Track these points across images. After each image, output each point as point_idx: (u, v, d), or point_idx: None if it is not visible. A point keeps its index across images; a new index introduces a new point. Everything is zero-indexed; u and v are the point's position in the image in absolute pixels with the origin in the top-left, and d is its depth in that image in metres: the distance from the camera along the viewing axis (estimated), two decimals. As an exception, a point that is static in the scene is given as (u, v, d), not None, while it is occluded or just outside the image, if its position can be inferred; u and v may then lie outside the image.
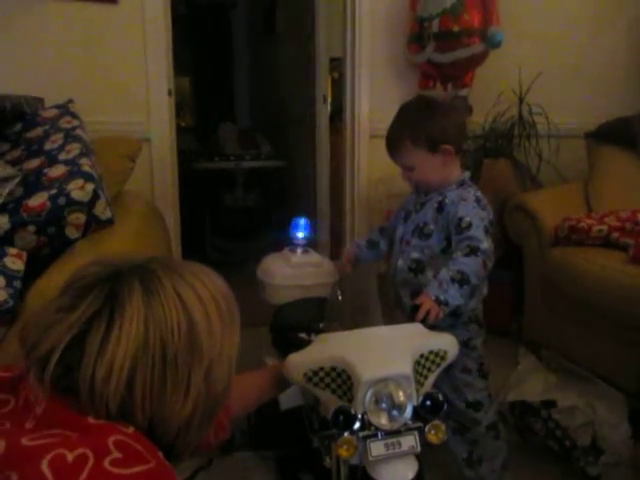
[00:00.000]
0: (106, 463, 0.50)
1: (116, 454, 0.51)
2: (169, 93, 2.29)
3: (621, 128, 2.34)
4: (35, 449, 0.51)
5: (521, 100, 2.48)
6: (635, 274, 1.64)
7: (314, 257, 1.73)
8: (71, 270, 1.21)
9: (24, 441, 0.52)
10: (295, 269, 1.65)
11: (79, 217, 1.36)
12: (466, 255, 1.28)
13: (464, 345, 1.45)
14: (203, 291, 0.63)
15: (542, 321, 2.13)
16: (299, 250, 1.70)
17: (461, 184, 1.41)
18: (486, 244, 1.29)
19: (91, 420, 0.55)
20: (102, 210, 1.39)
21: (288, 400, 1.41)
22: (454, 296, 1.25)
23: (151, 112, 2.23)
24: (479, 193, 1.40)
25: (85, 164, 1.43)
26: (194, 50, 4.54)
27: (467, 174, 1.45)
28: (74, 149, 1.48)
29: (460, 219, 1.34)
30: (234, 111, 4.76)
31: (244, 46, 4.86)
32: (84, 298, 0.58)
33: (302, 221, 1.83)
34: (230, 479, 1.52)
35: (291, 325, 1.36)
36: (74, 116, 1.65)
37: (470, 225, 1.32)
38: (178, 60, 2.44)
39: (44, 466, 0.49)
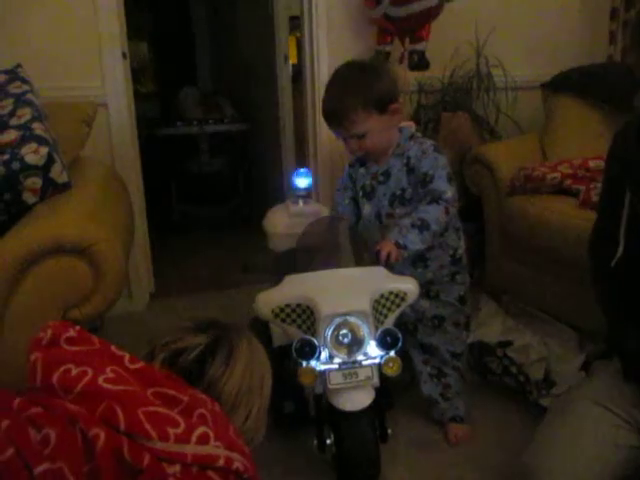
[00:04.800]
0: (216, 409, 0.76)
1: (218, 409, 0.76)
2: (124, 56, 2.24)
3: (575, 77, 2.39)
4: (179, 383, 0.75)
5: (478, 53, 2.50)
6: (584, 217, 1.71)
7: (313, 207, 1.80)
8: (30, 234, 1.23)
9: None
10: (294, 218, 1.72)
11: (35, 182, 1.36)
12: (428, 203, 1.33)
13: (460, 300, 1.53)
14: (267, 360, 0.91)
15: (501, 268, 2.21)
16: (300, 201, 1.78)
17: (411, 138, 1.44)
18: (449, 193, 1.34)
19: (198, 390, 0.77)
20: (58, 174, 1.39)
21: (281, 338, 1.47)
22: (413, 240, 1.30)
23: (105, 76, 2.19)
24: (431, 140, 1.44)
25: (38, 128, 1.41)
26: (152, 14, 4.42)
27: (410, 126, 1.51)
28: (26, 114, 1.46)
29: (424, 174, 1.37)
30: (196, 75, 4.68)
31: (203, 8, 4.74)
32: (205, 330, 0.84)
33: (303, 172, 1.88)
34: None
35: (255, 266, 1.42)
36: (24, 81, 1.62)
37: (432, 178, 1.36)
38: (135, 25, 2.39)
39: (190, 390, 0.74)
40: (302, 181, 1.83)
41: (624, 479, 1.00)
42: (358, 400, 1.16)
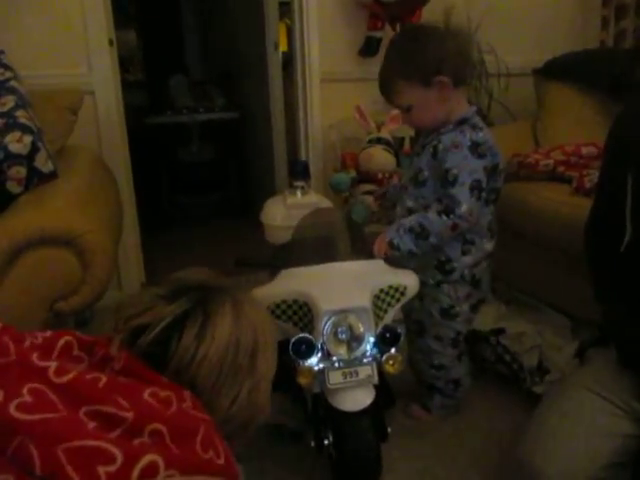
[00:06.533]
0: (184, 406, 0.64)
1: (189, 403, 0.65)
2: (111, 43, 2.20)
3: (567, 63, 2.37)
4: (131, 385, 0.63)
5: (470, 39, 2.47)
6: (577, 204, 1.70)
7: (313, 198, 1.73)
8: (15, 225, 1.20)
9: (121, 380, 0.64)
10: (291, 210, 1.64)
11: (19, 171, 1.33)
12: (438, 213, 1.24)
13: (444, 313, 1.38)
14: (267, 325, 0.78)
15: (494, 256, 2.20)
16: (298, 192, 1.71)
17: (459, 123, 1.27)
18: (464, 207, 1.22)
19: (164, 379, 0.66)
20: (43, 163, 1.36)
21: (279, 333, 1.43)
22: (407, 243, 1.26)
23: (92, 64, 2.14)
24: (480, 135, 1.26)
25: (22, 116, 1.38)
26: (139, 2, 4.35)
27: (472, 109, 1.31)
28: (9, 101, 1.43)
29: (447, 171, 1.24)
30: (185, 63, 4.62)
31: (192, -6, 4.67)
32: (179, 296, 0.71)
33: (300, 164, 1.83)
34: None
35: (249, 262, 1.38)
36: (7, 67, 1.58)
37: (455, 181, 1.22)
38: (123, 13, 2.34)
39: (146, 395, 0.62)
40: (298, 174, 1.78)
41: (619, 466, 0.99)
42: (359, 400, 1.11)
